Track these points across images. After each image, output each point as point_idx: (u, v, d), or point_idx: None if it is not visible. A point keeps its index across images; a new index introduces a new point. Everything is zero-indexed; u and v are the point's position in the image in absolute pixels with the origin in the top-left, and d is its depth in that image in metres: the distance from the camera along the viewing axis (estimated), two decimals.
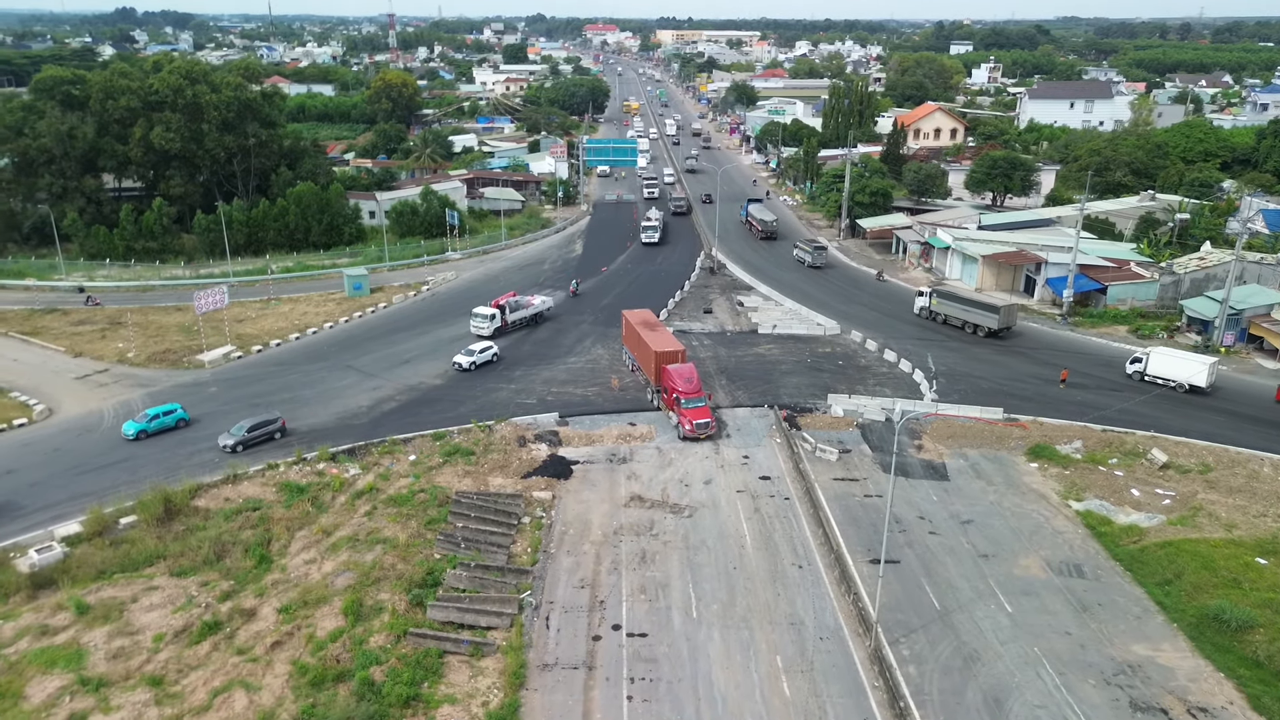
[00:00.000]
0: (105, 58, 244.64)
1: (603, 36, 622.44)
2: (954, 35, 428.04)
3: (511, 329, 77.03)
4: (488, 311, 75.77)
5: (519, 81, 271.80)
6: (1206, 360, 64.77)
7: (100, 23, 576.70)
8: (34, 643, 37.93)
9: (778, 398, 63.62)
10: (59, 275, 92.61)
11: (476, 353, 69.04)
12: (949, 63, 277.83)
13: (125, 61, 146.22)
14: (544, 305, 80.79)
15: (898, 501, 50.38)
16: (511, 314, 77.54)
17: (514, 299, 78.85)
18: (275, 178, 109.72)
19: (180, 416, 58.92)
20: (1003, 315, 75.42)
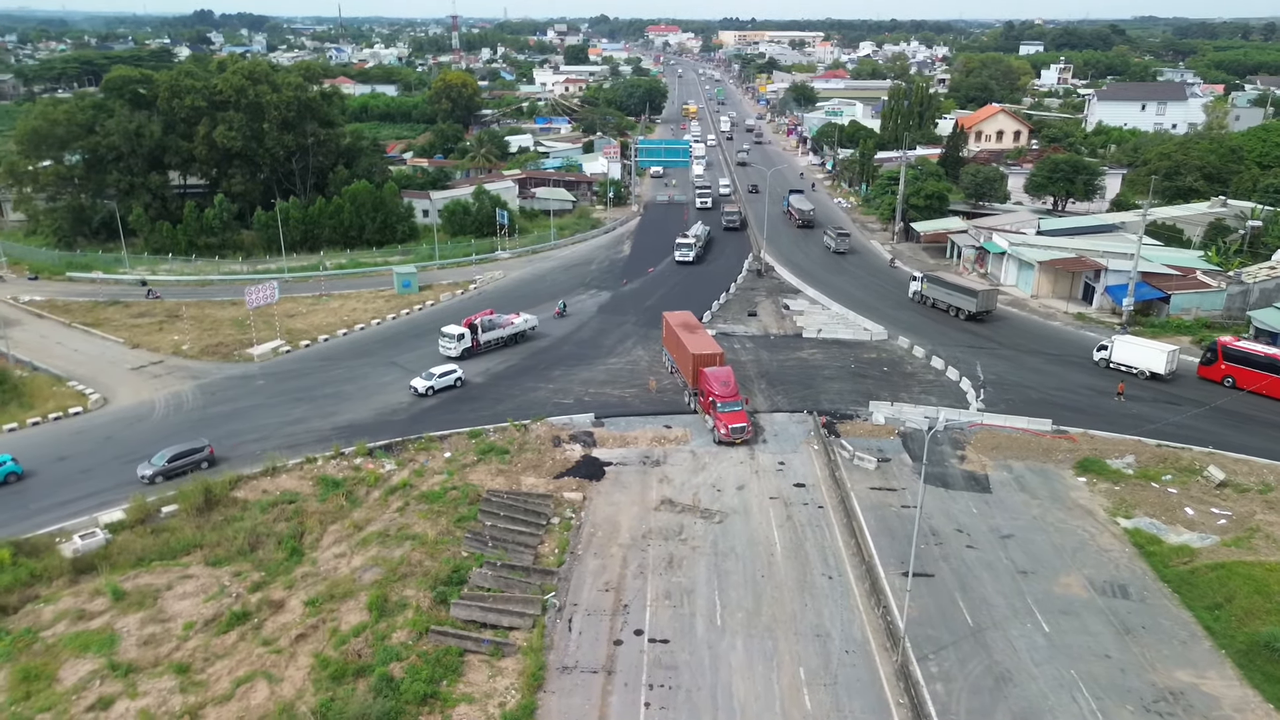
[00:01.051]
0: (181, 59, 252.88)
1: (665, 38, 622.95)
2: (1024, 35, 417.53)
3: (485, 350, 71.23)
4: (456, 331, 70.03)
5: (578, 82, 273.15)
6: (1166, 348, 66.23)
7: (180, 25, 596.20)
8: (71, 626, 39.04)
9: (818, 403, 62.54)
10: (124, 269, 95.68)
11: (436, 376, 63.69)
12: (1016, 63, 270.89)
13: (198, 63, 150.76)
14: (526, 324, 74.45)
15: (935, 514, 49.12)
16: (485, 334, 71.33)
17: (488, 317, 72.69)
18: (332, 176, 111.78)
19: (11, 470, 51.62)
20: (980, 299, 79.59)
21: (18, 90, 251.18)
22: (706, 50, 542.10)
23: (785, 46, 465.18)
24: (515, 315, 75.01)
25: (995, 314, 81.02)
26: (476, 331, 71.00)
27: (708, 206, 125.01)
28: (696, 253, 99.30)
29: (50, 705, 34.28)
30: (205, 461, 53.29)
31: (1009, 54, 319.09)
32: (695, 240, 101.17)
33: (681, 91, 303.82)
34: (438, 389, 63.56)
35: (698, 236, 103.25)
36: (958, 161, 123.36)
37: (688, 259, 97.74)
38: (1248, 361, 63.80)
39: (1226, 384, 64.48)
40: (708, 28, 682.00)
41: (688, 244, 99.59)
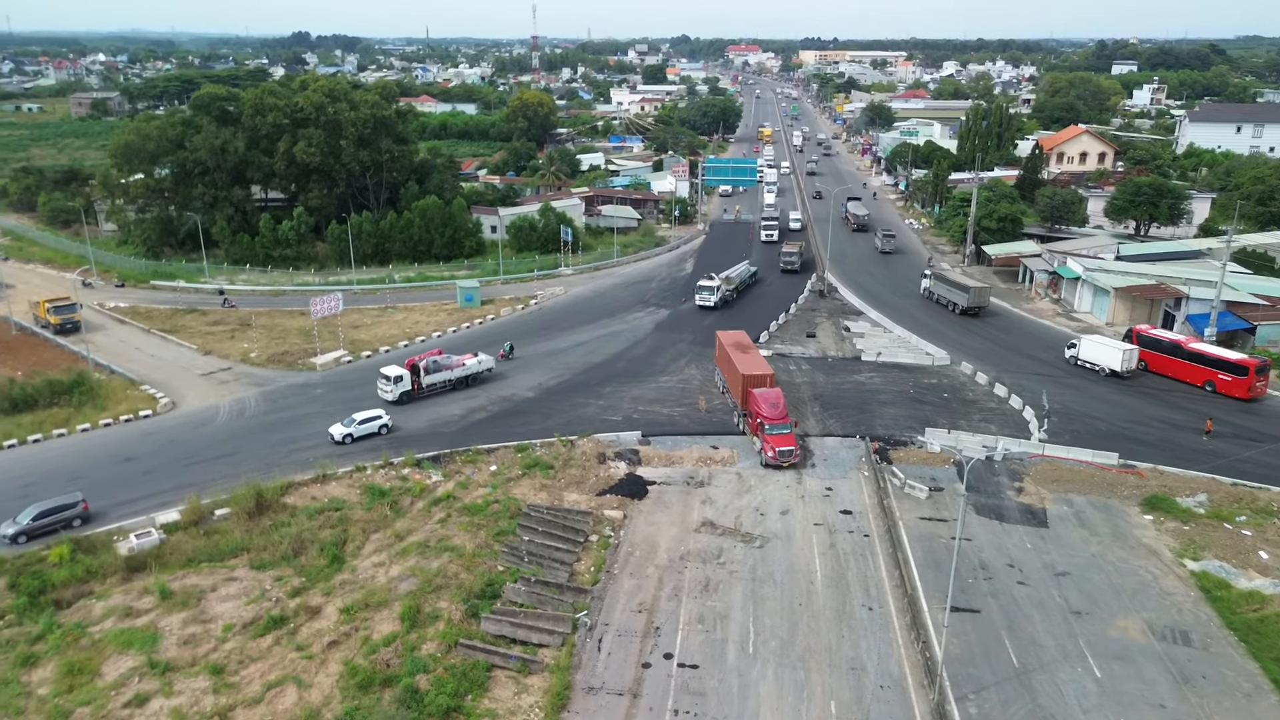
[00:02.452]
0: (275, 78, 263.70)
1: (744, 57, 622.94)
2: (1117, 55, 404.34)
3: (428, 395, 65.72)
4: (394, 372, 64.56)
5: (654, 101, 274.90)
6: (1124, 346, 70.14)
7: (279, 46, 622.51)
8: (118, 623, 40.32)
9: (871, 429, 60.99)
10: (204, 278, 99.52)
11: (357, 423, 58.37)
12: (1106, 83, 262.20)
13: (284, 82, 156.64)
14: (479, 366, 68.23)
15: (987, 547, 47.30)
16: (428, 376, 65.68)
17: (435, 358, 67.16)
18: (404, 191, 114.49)
19: None
20: (971, 295, 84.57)
21: (123, 107, 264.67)
22: (786, 70, 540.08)
23: (866, 66, 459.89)
24: (468, 356, 68.78)
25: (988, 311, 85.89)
26: (418, 374, 65.43)
27: (773, 239, 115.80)
28: (722, 297, 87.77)
29: (90, 699, 35.38)
30: (78, 519, 48.15)
31: (1100, 73, 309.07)
32: (720, 284, 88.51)
33: (758, 112, 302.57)
34: (357, 437, 58.04)
35: (728, 279, 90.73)
36: (1035, 183, 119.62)
37: (708, 304, 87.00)
38: (1157, 346, 70.86)
39: (1140, 367, 70.85)
40: (788, 47, 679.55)
41: (709, 287, 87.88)
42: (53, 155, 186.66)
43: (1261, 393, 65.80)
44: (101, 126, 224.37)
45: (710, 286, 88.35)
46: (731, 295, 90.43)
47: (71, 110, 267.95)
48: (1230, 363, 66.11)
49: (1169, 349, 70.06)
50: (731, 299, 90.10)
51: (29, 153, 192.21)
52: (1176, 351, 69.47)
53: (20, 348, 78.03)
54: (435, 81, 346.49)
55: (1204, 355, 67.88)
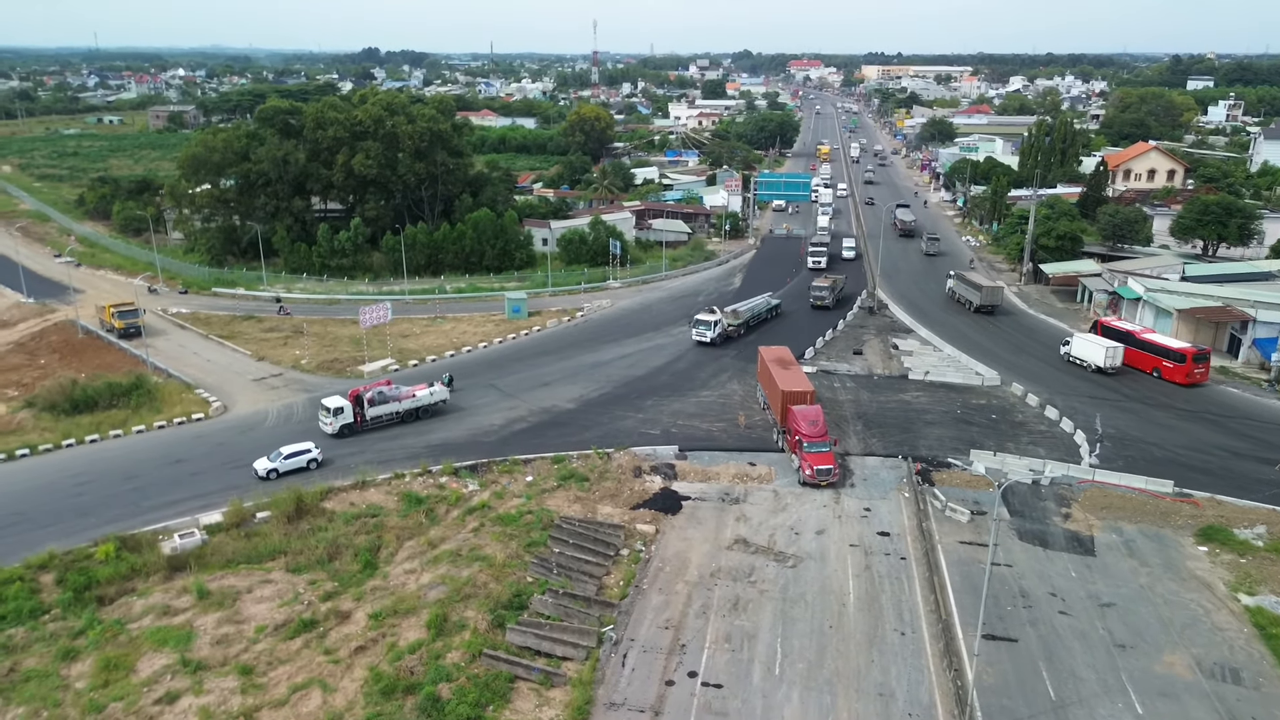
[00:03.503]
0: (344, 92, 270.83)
1: (806, 72, 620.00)
2: (1192, 70, 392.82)
3: (373, 428, 62.13)
4: (335, 404, 60.83)
5: (712, 116, 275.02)
6: (1107, 344, 73.50)
7: (349, 61, 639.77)
8: (155, 621, 41.31)
9: (914, 449, 59.72)
10: (262, 286, 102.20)
11: (283, 457, 55.40)
12: (1179, 99, 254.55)
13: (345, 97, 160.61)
14: (431, 398, 64.45)
15: (1028, 574, 45.83)
16: (373, 408, 61.95)
17: (381, 389, 63.30)
18: (458, 204, 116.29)
19: None
20: (984, 294, 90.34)
21: (198, 120, 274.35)
22: (847, 85, 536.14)
23: (929, 81, 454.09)
24: (420, 387, 65.07)
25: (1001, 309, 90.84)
26: (362, 405, 61.77)
27: (820, 266, 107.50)
28: (722, 333, 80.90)
29: (123, 695, 36.24)
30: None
31: (1173, 89, 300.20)
32: (721, 319, 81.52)
33: (817, 127, 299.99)
34: (282, 472, 54.98)
35: (734, 313, 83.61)
36: (1098, 201, 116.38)
37: (704, 339, 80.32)
38: (1117, 336, 75.70)
39: None
40: (851, 62, 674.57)
41: (706, 322, 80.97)
42: (129, 166, 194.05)
43: (1200, 379, 70.80)
44: (176, 138, 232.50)
45: (707, 321, 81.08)
46: (737, 331, 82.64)
47: (150, 123, 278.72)
48: (1172, 351, 71.61)
49: (1124, 338, 74.78)
50: (737, 335, 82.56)
51: (108, 163, 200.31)
52: (1129, 340, 74.40)
53: (85, 350, 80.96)
54: (497, 96, 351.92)
55: (1152, 344, 73.28)
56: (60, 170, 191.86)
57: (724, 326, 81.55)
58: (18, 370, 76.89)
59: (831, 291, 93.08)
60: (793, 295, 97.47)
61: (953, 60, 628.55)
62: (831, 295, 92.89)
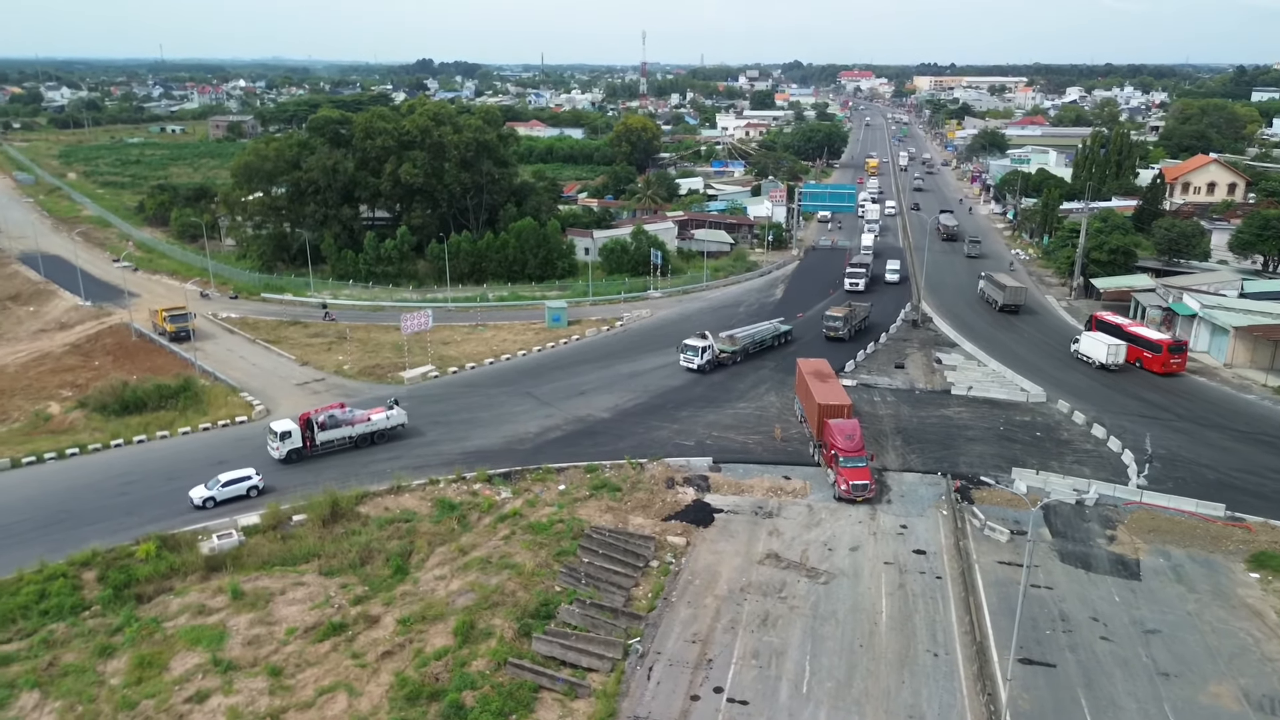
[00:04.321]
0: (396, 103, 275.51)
1: (857, 83, 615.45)
2: (1258, 81, 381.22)
3: (323, 452, 59.63)
4: (282, 428, 58.36)
5: (759, 126, 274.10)
6: (1109, 341, 77.12)
7: (404, 72, 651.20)
8: (190, 620, 42.03)
9: (954, 466, 58.48)
10: (310, 292, 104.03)
11: (221, 484, 53.10)
12: (1243, 110, 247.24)
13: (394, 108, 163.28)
14: (387, 422, 61.94)
15: (1069, 597, 44.54)
16: (323, 432, 59.31)
17: (333, 412, 60.61)
18: (503, 213, 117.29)
19: None
20: (1007, 293, 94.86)
21: (255, 129, 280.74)
22: (899, 95, 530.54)
23: (983, 92, 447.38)
24: (376, 410, 62.68)
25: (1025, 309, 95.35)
26: (312, 429, 59.07)
27: (858, 289, 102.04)
28: (712, 360, 75.91)
29: (155, 693, 36.89)
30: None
31: (1237, 100, 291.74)
32: (711, 345, 76.15)
33: (866, 138, 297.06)
34: (219, 501, 52.72)
35: (731, 338, 78.52)
36: (1154, 214, 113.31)
37: (690, 366, 75.59)
38: (1108, 330, 79.90)
39: None
40: (903, 73, 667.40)
41: (695, 348, 75.63)
42: (188, 174, 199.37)
43: (1175, 369, 75.35)
44: (234, 148, 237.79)
45: (695, 346, 75.46)
46: (732, 359, 77.37)
47: (210, 132, 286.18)
48: (1151, 342, 76.51)
49: (1114, 331, 79.27)
50: (732, 362, 77.37)
51: (168, 171, 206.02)
52: (1119, 334, 78.56)
53: (137, 353, 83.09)
54: (547, 107, 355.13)
55: (1136, 336, 77.87)
56: (123, 177, 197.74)
57: (714, 353, 76.39)
58: (73, 371, 79.16)
59: (847, 323, 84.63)
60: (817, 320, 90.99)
61: (1008, 71, 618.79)
62: (847, 327, 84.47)
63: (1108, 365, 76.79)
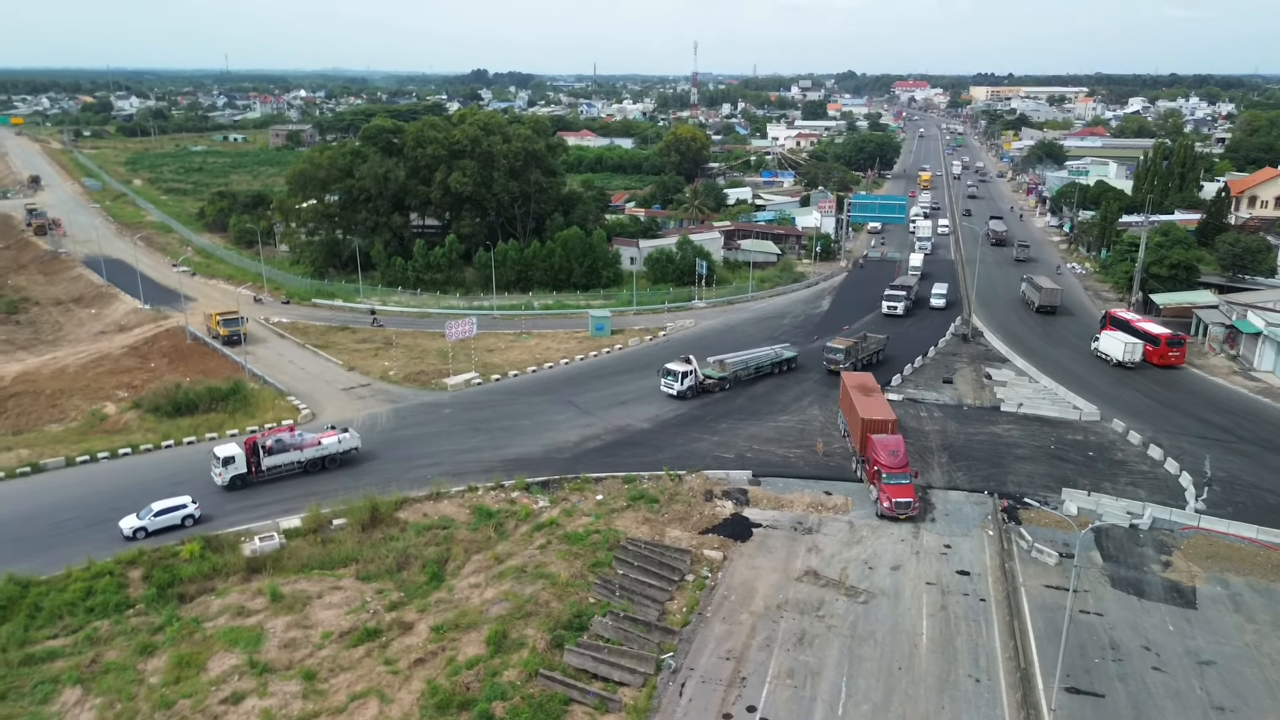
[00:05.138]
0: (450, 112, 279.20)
1: (911, 93, 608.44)
2: None
3: (269, 478, 56.92)
4: (225, 453, 55.58)
5: (810, 137, 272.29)
6: (1125, 339, 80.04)
7: (459, 82, 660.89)
8: (230, 621, 42.57)
9: (1002, 485, 56.98)
10: (359, 298, 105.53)
11: (153, 513, 50.28)
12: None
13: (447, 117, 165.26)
14: (340, 446, 58.97)
15: (1120, 625, 42.96)
16: (270, 457, 56.69)
17: (281, 436, 58.00)
18: (550, 222, 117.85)
19: None
20: (1042, 295, 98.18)
21: (314, 138, 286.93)
22: (953, 106, 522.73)
23: (1041, 102, 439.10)
24: (327, 434, 59.62)
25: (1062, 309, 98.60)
26: (259, 454, 56.48)
27: (896, 312, 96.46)
28: (693, 386, 71.85)
29: (192, 693, 37.37)
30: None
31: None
32: (692, 372, 72.00)
33: (920, 150, 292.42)
34: (151, 531, 49.82)
35: (721, 363, 74.14)
36: (1218, 229, 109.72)
37: (670, 392, 71.65)
38: (1119, 325, 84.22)
39: None
40: (959, 83, 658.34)
41: (675, 373, 71.64)
42: (248, 181, 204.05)
43: (1173, 362, 79.35)
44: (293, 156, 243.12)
45: (675, 372, 71.31)
46: (719, 385, 73.03)
47: (270, 141, 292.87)
48: (1151, 335, 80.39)
49: (1124, 326, 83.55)
50: (720, 389, 73.08)
51: (229, 178, 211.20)
52: (1128, 329, 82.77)
53: (191, 356, 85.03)
54: (598, 117, 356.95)
55: (1141, 331, 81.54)
56: (185, 184, 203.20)
57: (698, 378, 72.04)
58: (129, 373, 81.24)
59: (850, 356, 76.22)
60: None
61: (1067, 81, 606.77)
62: (849, 360, 75.93)
63: (1124, 363, 79.46)
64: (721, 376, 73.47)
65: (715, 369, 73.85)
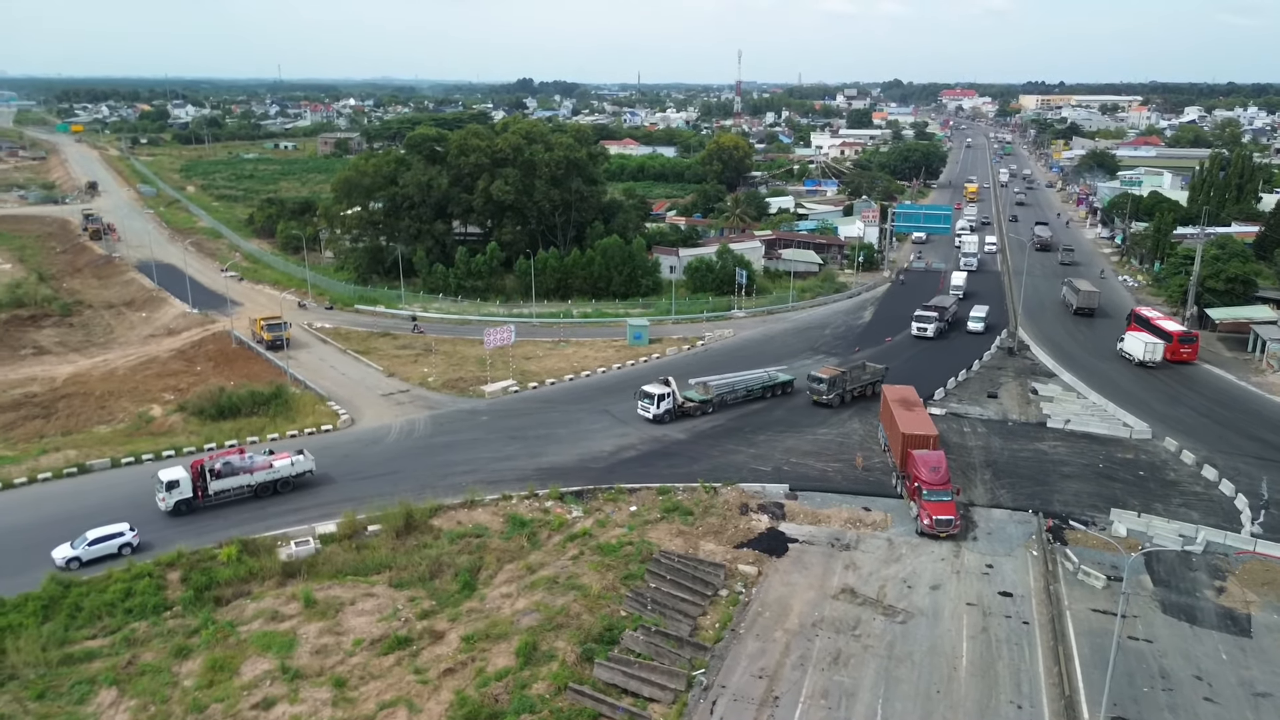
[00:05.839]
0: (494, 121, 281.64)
1: (958, 102, 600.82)
2: None
3: (217, 503, 54.23)
4: (169, 476, 52.75)
5: (855, 145, 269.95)
6: (1146, 339, 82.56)
7: (504, 91, 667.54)
8: (264, 625, 42.80)
9: (1047, 504, 55.42)
10: (401, 304, 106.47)
11: (87, 542, 47.78)
12: None
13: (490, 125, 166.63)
14: (293, 469, 56.58)
15: (1171, 652, 41.39)
16: (218, 481, 54.13)
17: (230, 459, 55.34)
18: (590, 230, 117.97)
19: None
20: (1080, 297, 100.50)
21: (361, 146, 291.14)
22: (1002, 115, 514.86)
23: (1093, 111, 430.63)
24: (281, 455, 57.33)
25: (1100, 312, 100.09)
26: (205, 477, 53.88)
27: (925, 334, 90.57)
28: (670, 409, 68.21)
29: (224, 697, 37.58)
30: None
31: None
32: (670, 394, 68.41)
33: (966, 160, 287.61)
34: (85, 561, 47.29)
35: (704, 385, 70.62)
36: (1277, 242, 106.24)
37: (645, 416, 68.16)
38: (1140, 321, 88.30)
39: None
40: (1008, 92, 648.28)
41: (650, 395, 68.04)
42: (296, 188, 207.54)
43: (1186, 358, 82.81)
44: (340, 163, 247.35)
45: (651, 395, 67.80)
46: (700, 409, 69.56)
47: (319, 148, 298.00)
48: (1165, 331, 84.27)
49: (1145, 323, 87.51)
50: (700, 413, 69.52)
51: (278, 185, 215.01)
52: (1148, 326, 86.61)
53: (236, 360, 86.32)
54: (641, 125, 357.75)
55: (1158, 328, 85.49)
56: (236, 191, 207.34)
57: (675, 402, 68.35)
58: (176, 376, 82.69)
59: (834, 387, 71.16)
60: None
61: (1121, 89, 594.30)
62: (833, 393, 71.13)
63: (1145, 362, 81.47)
64: (704, 400, 69.90)
65: (699, 391, 70.35)
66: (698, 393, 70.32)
